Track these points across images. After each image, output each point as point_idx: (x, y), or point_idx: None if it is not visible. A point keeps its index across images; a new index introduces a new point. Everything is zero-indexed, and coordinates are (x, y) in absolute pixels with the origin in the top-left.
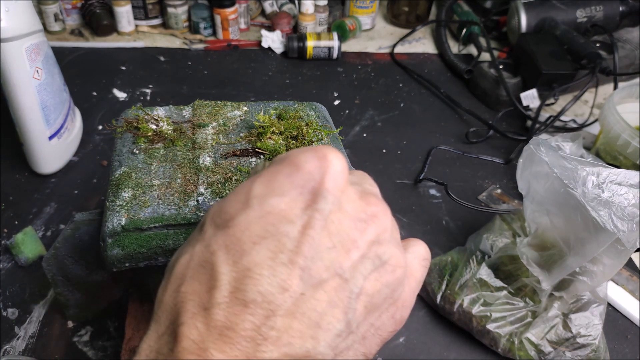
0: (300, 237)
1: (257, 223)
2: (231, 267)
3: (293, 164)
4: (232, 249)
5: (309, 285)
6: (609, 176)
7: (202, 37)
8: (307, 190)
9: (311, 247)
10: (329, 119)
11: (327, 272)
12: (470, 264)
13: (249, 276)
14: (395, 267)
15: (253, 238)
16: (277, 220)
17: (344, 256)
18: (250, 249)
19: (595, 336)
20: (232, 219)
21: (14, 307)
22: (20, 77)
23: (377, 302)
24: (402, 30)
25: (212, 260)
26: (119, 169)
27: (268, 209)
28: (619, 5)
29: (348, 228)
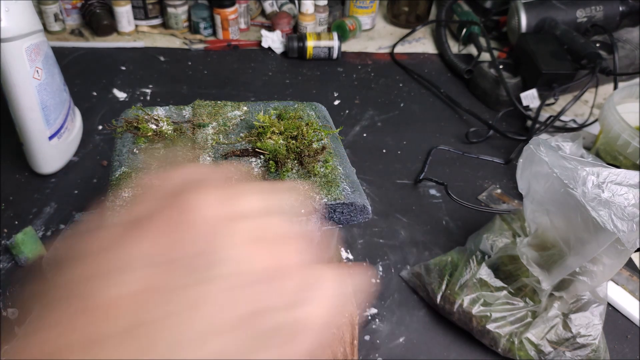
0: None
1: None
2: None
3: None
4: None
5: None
6: (609, 176)
7: (202, 37)
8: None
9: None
10: (329, 119)
11: None
12: (470, 264)
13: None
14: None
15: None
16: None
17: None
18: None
19: (595, 336)
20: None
21: (14, 307)
22: (20, 77)
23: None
24: (402, 30)
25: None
26: (119, 169)
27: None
28: (619, 5)
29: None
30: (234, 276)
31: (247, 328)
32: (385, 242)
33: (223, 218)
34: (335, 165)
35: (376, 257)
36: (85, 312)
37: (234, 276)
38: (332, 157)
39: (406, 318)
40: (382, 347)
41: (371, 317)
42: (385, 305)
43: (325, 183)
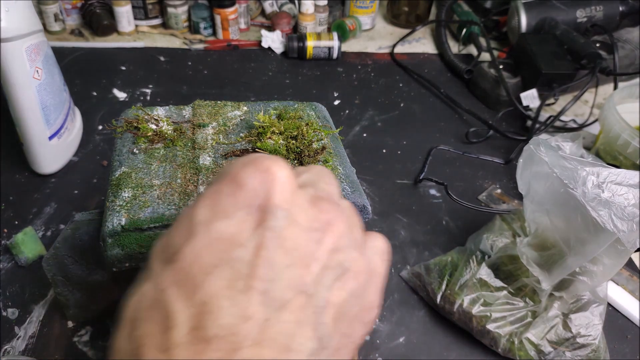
0: (255, 260)
1: (206, 252)
2: (185, 303)
3: (235, 182)
4: (184, 283)
5: (272, 309)
6: (609, 176)
7: (202, 37)
8: (254, 208)
9: (268, 268)
10: (329, 119)
11: (289, 291)
12: (470, 264)
13: (206, 310)
14: (357, 273)
15: (204, 268)
16: (227, 246)
17: (304, 271)
18: (203, 281)
19: (595, 336)
20: (178, 252)
21: (14, 307)
22: (20, 77)
23: (345, 311)
24: (402, 30)
25: (163, 298)
26: (119, 169)
27: (215, 235)
28: (619, 5)
29: (304, 241)
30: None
31: (330, 260)
32: None
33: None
34: (335, 165)
35: None
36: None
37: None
38: (332, 157)
39: (406, 318)
40: (382, 347)
41: None
42: (385, 305)
43: None
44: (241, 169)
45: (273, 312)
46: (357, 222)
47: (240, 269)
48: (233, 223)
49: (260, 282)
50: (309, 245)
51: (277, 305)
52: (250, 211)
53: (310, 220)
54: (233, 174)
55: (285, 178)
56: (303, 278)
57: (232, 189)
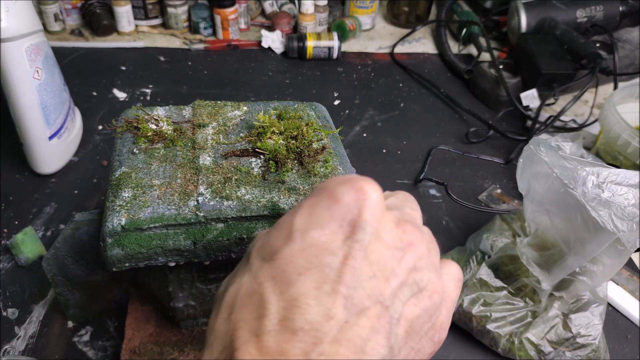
0: (342, 267)
1: (301, 255)
2: (278, 297)
3: (332, 197)
4: (279, 280)
5: (352, 313)
6: (609, 176)
7: (202, 37)
8: (346, 222)
9: (353, 276)
10: (329, 119)
11: (368, 299)
12: (470, 264)
13: (296, 305)
14: (432, 293)
15: (298, 269)
16: (320, 252)
17: (384, 284)
18: (296, 280)
19: (595, 336)
20: (277, 252)
21: (14, 307)
22: (20, 77)
23: (416, 326)
24: (402, 30)
25: (260, 290)
26: (119, 169)
27: (310, 242)
28: (619, 5)
29: (386, 257)
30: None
31: (408, 277)
32: None
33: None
34: (335, 165)
35: None
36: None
37: (391, 242)
38: (332, 157)
39: None
40: None
41: None
42: None
43: None
44: (338, 186)
45: (352, 316)
46: (436, 247)
47: (328, 273)
48: (326, 233)
49: (344, 287)
50: (390, 261)
51: (356, 310)
52: (342, 224)
53: (395, 239)
54: (330, 190)
55: (377, 199)
56: (382, 290)
57: (329, 203)
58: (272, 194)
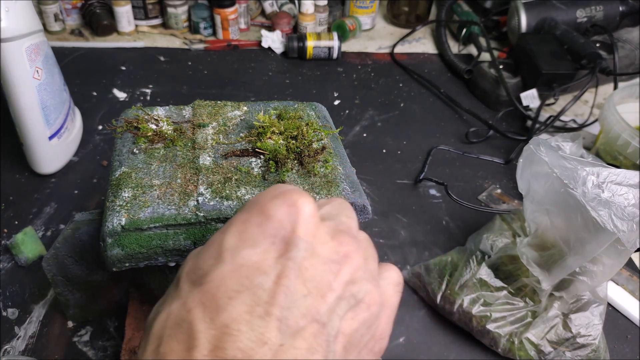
0: (275, 288)
1: (232, 277)
2: (209, 325)
3: (263, 213)
4: (209, 306)
5: (288, 335)
6: (609, 176)
7: (202, 37)
8: (279, 239)
9: (287, 296)
10: (329, 119)
11: (304, 319)
12: (470, 264)
13: (227, 333)
14: (370, 304)
15: (228, 293)
16: (251, 273)
17: (320, 301)
18: (226, 305)
19: (595, 336)
20: (207, 275)
21: (14, 307)
22: (20, 77)
23: (355, 340)
24: (402, 30)
25: (189, 318)
26: (119, 169)
27: (241, 262)
28: (619, 5)
29: (322, 272)
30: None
31: (345, 291)
32: (385, 242)
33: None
34: (335, 165)
35: None
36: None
37: (324, 255)
38: (332, 157)
39: (406, 318)
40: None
41: None
42: None
43: (325, 183)
44: (270, 201)
45: (288, 338)
46: (373, 253)
47: (261, 295)
48: (258, 251)
49: (278, 309)
50: (326, 276)
51: (292, 332)
52: (275, 241)
53: (330, 252)
54: (262, 205)
55: (310, 212)
56: (318, 307)
57: (260, 220)
58: None
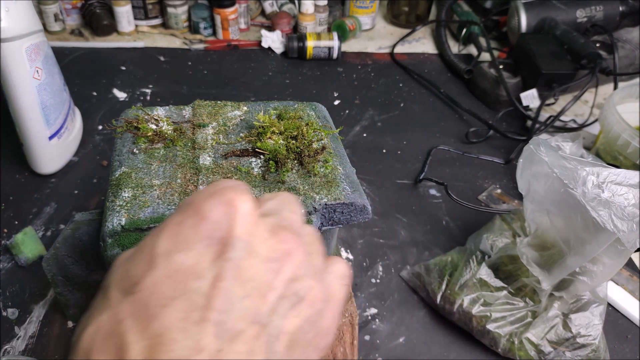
0: (212, 291)
1: (165, 283)
2: (141, 336)
3: (198, 213)
4: (141, 315)
5: (225, 340)
6: (609, 176)
7: (202, 37)
8: (215, 240)
9: (224, 299)
10: (329, 119)
11: (243, 321)
12: (470, 264)
13: (160, 343)
14: (313, 301)
15: (162, 300)
16: (186, 277)
17: (260, 301)
18: (159, 313)
19: (595, 336)
20: (138, 283)
21: (14, 307)
22: (20, 77)
23: (299, 338)
24: (402, 30)
25: (119, 330)
26: (119, 169)
27: (175, 267)
28: (619, 5)
29: (262, 271)
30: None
31: (287, 289)
32: (385, 242)
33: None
34: (335, 165)
35: (376, 257)
36: (170, 276)
37: (264, 254)
38: (332, 157)
39: (406, 318)
40: (382, 347)
41: (371, 317)
42: (385, 305)
43: (325, 183)
44: (205, 200)
45: (226, 343)
46: (318, 249)
47: (196, 300)
48: (193, 255)
49: (215, 313)
50: (266, 276)
51: (230, 336)
52: (210, 243)
53: (270, 250)
54: (196, 205)
55: (247, 210)
56: (258, 308)
57: (195, 221)
58: None
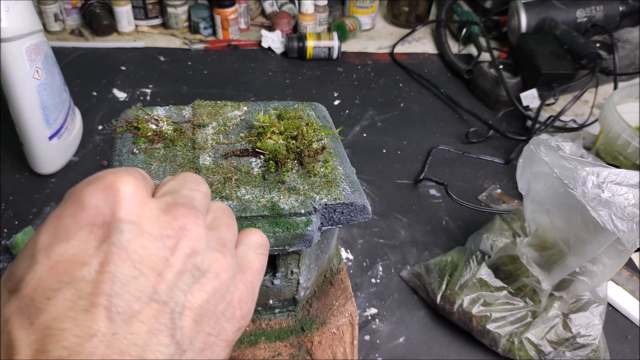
0: (99, 277)
1: (49, 276)
2: (28, 331)
3: (77, 202)
4: (27, 311)
5: (120, 322)
6: (609, 176)
7: (202, 37)
8: (97, 226)
9: (113, 283)
10: (329, 119)
11: (138, 302)
12: (470, 264)
13: (49, 334)
14: (218, 272)
15: (47, 293)
16: (70, 267)
17: (157, 279)
18: (46, 306)
19: (595, 336)
20: (22, 280)
21: None
22: (20, 77)
23: (207, 311)
24: (402, 30)
25: (7, 328)
26: None
27: (57, 258)
28: (619, 5)
29: (155, 250)
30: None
31: (186, 264)
32: (385, 242)
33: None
34: (335, 165)
35: (376, 257)
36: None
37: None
38: (332, 157)
39: (406, 318)
40: (382, 347)
41: (371, 317)
42: (385, 305)
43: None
44: (83, 189)
45: (122, 325)
46: (226, 222)
47: (83, 288)
48: (75, 244)
49: (104, 298)
50: (160, 253)
51: (125, 318)
52: (93, 229)
53: (162, 228)
54: (75, 194)
55: (131, 191)
56: (155, 286)
57: (74, 210)
58: (272, 194)
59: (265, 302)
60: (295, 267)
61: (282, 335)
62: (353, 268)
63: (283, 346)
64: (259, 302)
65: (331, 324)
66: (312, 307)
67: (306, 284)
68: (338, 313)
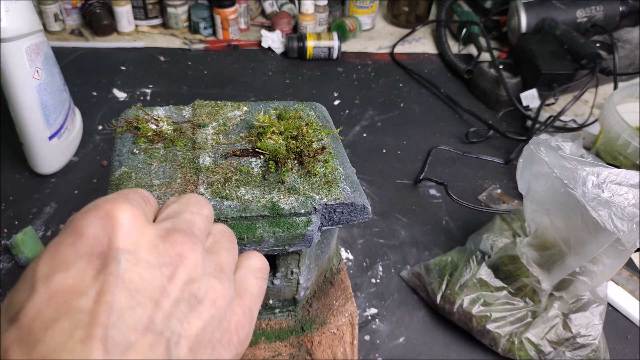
0: (96, 307)
1: (47, 306)
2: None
3: (75, 231)
4: (25, 341)
5: (116, 353)
6: (609, 176)
7: (202, 37)
8: (94, 256)
9: (110, 314)
10: (329, 119)
11: (134, 333)
12: (470, 264)
13: None
14: (215, 299)
15: (45, 323)
16: (68, 297)
17: (153, 309)
18: (43, 336)
19: (595, 336)
20: (21, 310)
21: None
22: (20, 77)
23: (204, 339)
24: (402, 30)
25: (6, 358)
26: (119, 169)
27: (55, 288)
28: (619, 5)
29: (152, 279)
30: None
31: (184, 292)
32: (385, 242)
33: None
34: (335, 165)
35: (376, 257)
36: (51, 298)
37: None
38: (332, 157)
39: (406, 318)
40: (382, 347)
41: (371, 317)
42: (385, 305)
43: (325, 183)
44: (81, 218)
45: (117, 357)
46: (225, 245)
47: (80, 318)
48: (73, 274)
49: (100, 329)
50: (157, 282)
51: (121, 349)
52: (90, 259)
53: (160, 256)
54: (74, 223)
55: (128, 220)
56: (152, 316)
57: (73, 239)
58: (272, 194)
59: (265, 302)
60: (295, 267)
61: (282, 335)
62: (353, 268)
63: (283, 346)
64: None
65: (331, 324)
66: (312, 307)
67: (306, 284)
68: (338, 313)
